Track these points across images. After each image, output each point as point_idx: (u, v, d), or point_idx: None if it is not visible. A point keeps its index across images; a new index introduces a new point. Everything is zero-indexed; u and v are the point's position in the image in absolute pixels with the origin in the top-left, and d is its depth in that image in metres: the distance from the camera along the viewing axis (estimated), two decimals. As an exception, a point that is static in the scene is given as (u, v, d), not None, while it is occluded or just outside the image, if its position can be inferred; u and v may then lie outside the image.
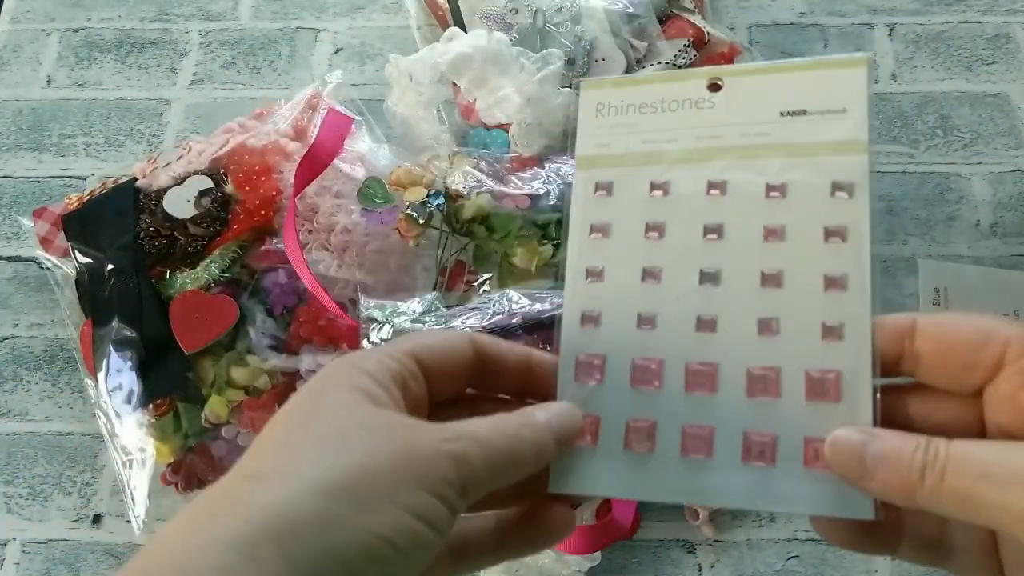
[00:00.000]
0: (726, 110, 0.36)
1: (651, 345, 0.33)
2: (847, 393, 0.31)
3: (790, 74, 0.36)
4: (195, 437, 0.57)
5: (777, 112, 0.36)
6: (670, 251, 0.34)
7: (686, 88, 0.37)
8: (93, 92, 0.77)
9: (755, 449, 0.31)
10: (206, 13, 0.81)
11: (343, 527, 0.24)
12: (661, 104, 0.37)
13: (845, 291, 0.33)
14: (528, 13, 0.67)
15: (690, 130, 0.36)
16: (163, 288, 0.59)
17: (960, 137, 0.73)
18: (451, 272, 0.60)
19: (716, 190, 0.35)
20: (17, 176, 0.74)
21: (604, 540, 0.55)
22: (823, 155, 0.35)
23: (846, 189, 0.34)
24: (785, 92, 0.36)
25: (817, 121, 0.35)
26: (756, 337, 0.32)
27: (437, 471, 0.26)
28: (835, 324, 0.32)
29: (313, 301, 0.58)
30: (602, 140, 0.37)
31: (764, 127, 0.36)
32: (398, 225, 0.59)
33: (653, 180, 0.35)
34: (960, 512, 0.26)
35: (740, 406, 0.32)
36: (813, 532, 0.59)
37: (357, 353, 0.30)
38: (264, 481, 0.25)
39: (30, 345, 0.67)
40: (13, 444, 0.64)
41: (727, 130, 0.36)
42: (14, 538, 0.61)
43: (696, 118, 0.36)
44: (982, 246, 0.69)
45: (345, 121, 0.63)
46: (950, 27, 0.78)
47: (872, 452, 0.28)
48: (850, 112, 0.35)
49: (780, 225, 0.34)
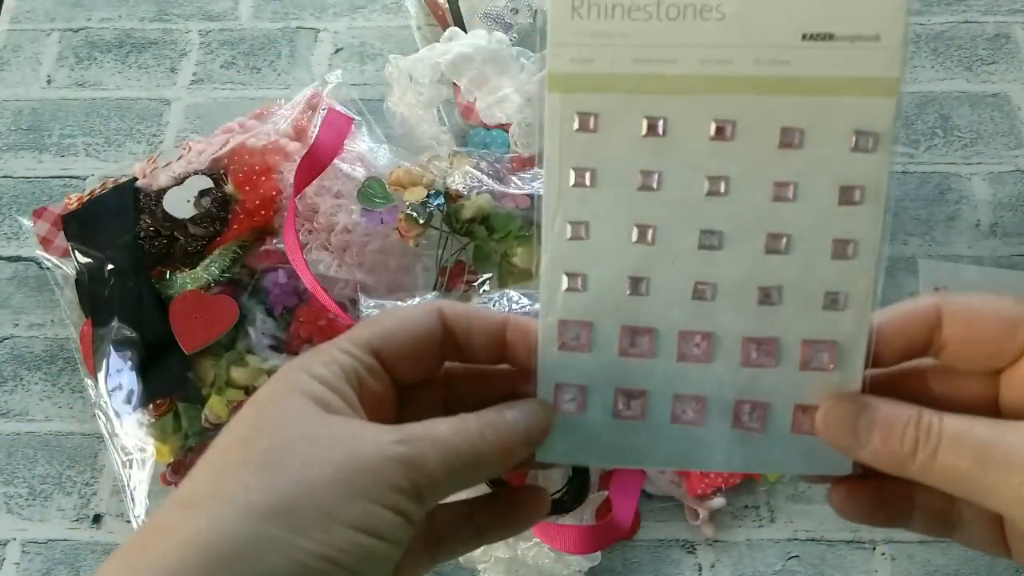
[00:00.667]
0: (738, 25, 0.30)
1: (642, 312, 0.30)
2: (842, 362, 0.30)
3: None
4: (195, 437, 0.57)
5: (799, 34, 0.30)
6: (667, 206, 0.30)
7: None
8: (93, 92, 0.77)
9: (746, 416, 0.31)
10: (206, 13, 0.81)
11: (278, 552, 0.23)
12: (657, 7, 0.30)
13: (853, 259, 0.30)
14: (528, 13, 0.67)
15: (693, 49, 0.30)
16: (163, 288, 0.59)
17: (960, 137, 0.73)
18: (451, 272, 0.60)
19: (723, 134, 0.30)
20: (17, 176, 0.74)
21: (604, 540, 0.55)
22: (848, 95, 0.30)
23: (869, 140, 0.29)
24: (810, 6, 0.30)
25: (845, 49, 0.30)
26: (756, 306, 0.30)
27: (384, 479, 0.25)
28: (838, 293, 0.30)
29: (313, 301, 0.58)
30: (581, 53, 0.30)
31: (782, 52, 0.30)
32: (398, 225, 0.59)
33: (648, 115, 0.30)
34: (951, 488, 0.27)
35: (733, 374, 0.30)
36: (814, 532, 0.59)
37: (307, 353, 0.28)
38: (195, 508, 0.24)
39: (30, 345, 0.67)
40: (13, 444, 0.64)
41: (738, 53, 0.30)
42: (14, 538, 0.61)
43: (701, 32, 0.29)
44: (982, 246, 0.69)
45: (345, 121, 0.63)
46: (950, 27, 0.78)
47: (864, 421, 0.28)
48: (884, 39, 0.30)
49: (792, 182, 0.30)
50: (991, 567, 0.58)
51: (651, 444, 0.31)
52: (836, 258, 0.30)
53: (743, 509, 0.60)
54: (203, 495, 0.24)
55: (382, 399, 0.29)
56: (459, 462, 0.26)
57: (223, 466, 0.25)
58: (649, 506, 0.59)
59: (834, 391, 0.30)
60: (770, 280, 0.30)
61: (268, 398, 0.27)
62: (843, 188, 0.30)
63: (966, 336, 0.29)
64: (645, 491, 0.59)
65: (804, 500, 0.60)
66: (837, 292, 0.30)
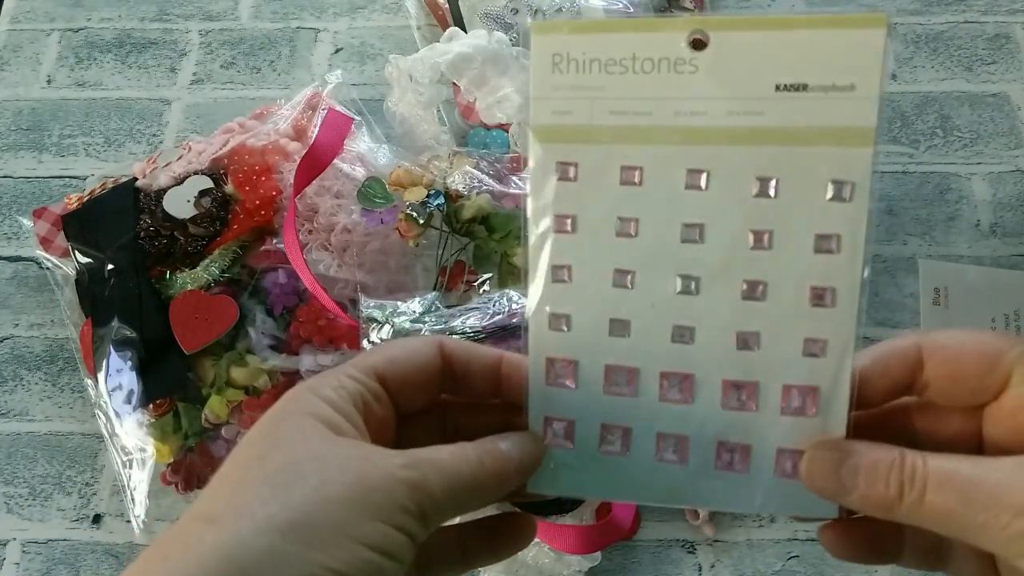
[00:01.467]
0: (711, 77, 0.30)
1: (625, 353, 0.31)
2: (823, 408, 0.30)
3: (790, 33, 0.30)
4: (195, 437, 0.57)
5: (773, 85, 0.30)
6: (645, 251, 0.31)
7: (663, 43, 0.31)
8: (93, 92, 0.77)
9: (728, 458, 0.31)
10: (206, 13, 0.81)
11: (295, 565, 0.24)
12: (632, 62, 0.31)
13: (832, 307, 0.30)
14: (528, 13, 0.67)
15: (668, 101, 0.30)
16: (163, 288, 0.59)
17: (960, 137, 0.73)
18: (451, 272, 0.60)
19: (697, 183, 0.30)
20: (17, 176, 0.74)
21: (604, 540, 0.55)
22: (823, 145, 0.30)
23: (845, 190, 0.30)
24: (783, 57, 0.30)
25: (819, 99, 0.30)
26: (735, 351, 0.31)
27: (394, 500, 0.26)
28: (818, 340, 0.31)
29: (313, 301, 0.58)
30: (562, 106, 0.31)
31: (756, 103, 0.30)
32: (398, 225, 0.59)
33: (624, 165, 0.31)
34: (941, 529, 0.27)
35: (715, 416, 0.31)
36: (813, 532, 0.59)
37: (316, 377, 0.29)
38: (215, 522, 0.25)
39: (30, 345, 0.67)
40: (13, 444, 0.64)
41: (712, 105, 0.30)
42: (14, 538, 0.61)
43: (675, 86, 0.30)
44: (982, 246, 0.69)
45: (345, 121, 0.63)
46: (950, 27, 0.78)
47: (848, 468, 0.28)
48: (859, 89, 0.30)
49: (768, 230, 0.30)
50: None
51: (636, 479, 0.32)
52: (814, 305, 0.30)
53: (743, 509, 0.60)
54: (222, 509, 0.25)
55: (384, 424, 0.30)
56: (460, 487, 0.27)
57: (241, 482, 0.26)
58: (649, 506, 0.59)
59: (818, 436, 0.30)
60: (748, 326, 0.30)
61: (280, 418, 0.28)
62: (820, 236, 0.30)
63: (948, 373, 0.29)
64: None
65: (804, 500, 0.60)
66: (817, 339, 0.31)
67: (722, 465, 0.31)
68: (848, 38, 0.29)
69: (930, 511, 0.26)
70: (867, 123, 0.29)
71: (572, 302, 0.31)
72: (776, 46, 0.30)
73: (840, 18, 0.29)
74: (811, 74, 0.29)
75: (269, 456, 0.26)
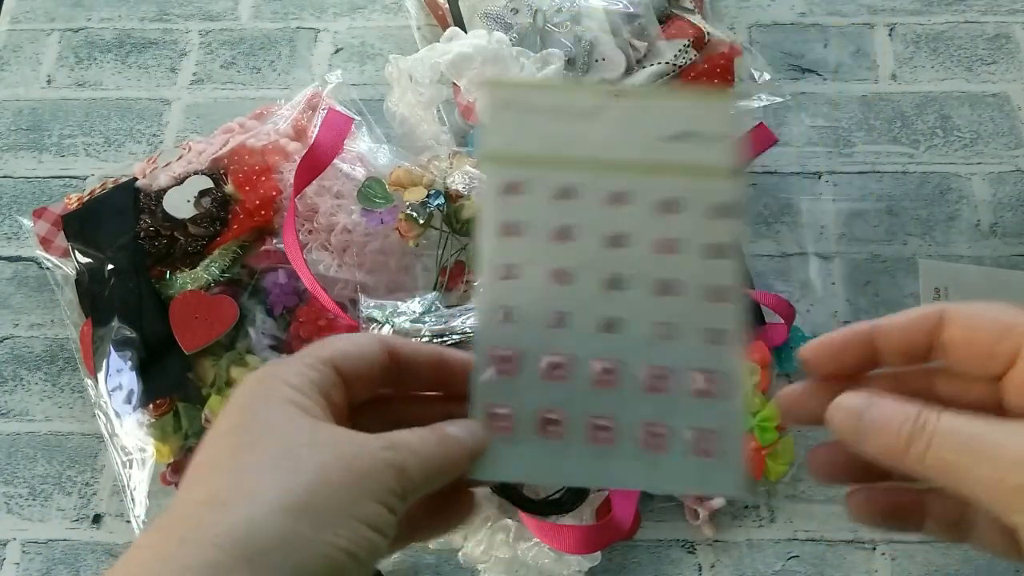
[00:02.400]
0: (620, 126, 0.41)
1: (561, 342, 0.35)
2: (723, 388, 0.37)
3: (675, 101, 0.42)
4: (195, 437, 0.57)
5: (663, 133, 0.41)
6: (578, 255, 0.37)
7: (586, 99, 0.41)
8: (93, 92, 0.77)
9: (650, 438, 0.36)
10: (206, 13, 0.81)
11: (307, 545, 0.25)
12: (561, 111, 0.41)
13: (725, 302, 0.38)
14: (528, 13, 0.67)
15: (588, 140, 0.40)
16: (163, 288, 0.59)
17: (960, 137, 0.73)
18: (451, 272, 0.60)
19: (615, 201, 0.39)
20: (17, 176, 0.74)
21: (604, 540, 0.55)
22: (703, 177, 0.40)
23: (722, 211, 0.39)
24: (669, 114, 0.41)
25: (697, 144, 0.41)
26: (653, 339, 0.36)
27: (382, 482, 0.28)
28: (717, 330, 0.37)
29: (313, 301, 0.58)
30: (508, 138, 0.39)
31: (653, 145, 0.40)
32: (398, 225, 0.59)
33: (559, 185, 0.38)
34: (942, 480, 0.28)
35: (639, 399, 0.36)
36: (813, 532, 0.59)
37: (276, 364, 0.31)
38: (225, 505, 0.26)
39: (30, 345, 0.67)
40: (13, 444, 0.64)
41: (621, 146, 0.40)
42: (14, 538, 0.61)
43: (593, 130, 0.40)
44: (982, 246, 0.69)
45: (345, 121, 0.63)
46: (950, 27, 0.78)
47: (868, 417, 0.29)
48: (722, 139, 0.41)
49: (672, 239, 0.38)
50: (991, 567, 0.58)
51: (571, 462, 0.35)
52: (710, 300, 0.37)
53: (743, 509, 0.60)
54: (229, 493, 0.26)
55: (343, 413, 0.31)
56: (432, 469, 0.30)
57: (239, 467, 0.27)
58: (649, 506, 0.59)
59: (720, 414, 0.35)
60: (662, 317, 0.37)
61: (258, 404, 0.29)
62: (708, 246, 0.38)
63: (964, 339, 0.30)
64: (644, 491, 0.59)
65: (804, 500, 0.60)
66: (715, 329, 0.38)
67: (646, 446, 0.36)
68: (711, 105, 0.41)
69: (932, 461, 0.27)
70: (730, 162, 0.40)
71: (517, 297, 0.36)
72: (666, 108, 0.41)
73: (706, 93, 0.47)
74: (690, 126, 0.40)
75: (261, 442, 0.28)
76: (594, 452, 0.36)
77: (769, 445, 0.58)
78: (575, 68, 0.65)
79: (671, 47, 0.67)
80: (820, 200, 0.70)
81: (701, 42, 0.67)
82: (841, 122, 0.74)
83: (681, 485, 0.37)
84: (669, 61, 0.66)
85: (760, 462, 0.58)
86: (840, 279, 0.68)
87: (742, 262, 0.39)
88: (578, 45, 0.65)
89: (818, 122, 0.74)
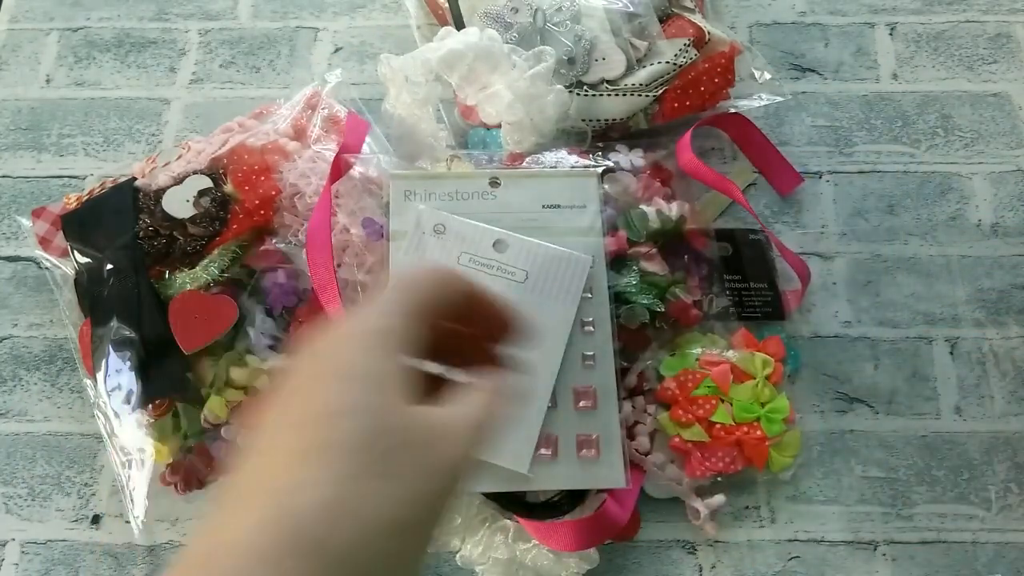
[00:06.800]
0: (504, 200, 0.56)
1: None
2: (600, 403, 0.52)
3: (549, 179, 0.57)
4: (194, 437, 0.57)
5: (540, 204, 0.56)
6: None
7: (474, 184, 0.56)
8: (92, 92, 0.77)
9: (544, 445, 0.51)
10: (205, 13, 0.80)
11: None
12: (455, 194, 0.55)
13: (594, 331, 0.54)
14: (528, 12, 0.66)
15: (477, 215, 0.54)
16: (162, 288, 0.59)
17: (961, 137, 0.73)
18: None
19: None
20: (16, 176, 0.74)
21: (599, 534, 0.55)
22: (570, 236, 0.55)
23: (590, 261, 0.54)
24: (545, 190, 0.56)
25: (567, 212, 0.56)
26: None
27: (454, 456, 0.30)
28: (590, 355, 0.53)
29: (313, 301, 0.57)
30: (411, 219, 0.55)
31: (532, 213, 0.55)
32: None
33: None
34: None
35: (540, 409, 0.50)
36: (814, 532, 0.59)
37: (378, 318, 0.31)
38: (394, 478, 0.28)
39: (29, 345, 0.67)
40: (12, 444, 0.63)
41: (504, 216, 0.55)
42: (13, 538, 0.61)
43: (484, 204, 0.55)
44: (983, 246, 0.68)
45: (363, 125, 0.64)
46: (951, 26, 0.78)
47: None
48: (588, 207, 0.56)
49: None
50: (991, 568, 0.58)
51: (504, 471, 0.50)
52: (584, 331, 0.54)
53: (743, 509, 0.60)
54: None
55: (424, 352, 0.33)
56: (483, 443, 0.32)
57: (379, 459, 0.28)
58: (649, 506, 0.59)
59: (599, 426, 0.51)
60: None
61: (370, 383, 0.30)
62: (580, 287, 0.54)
63: None
64: (644, 491, 0.59)
65: (804, 500, 0.60)
66: (588, 354, 0.53)
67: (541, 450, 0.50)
68: (579, 181, 0.57)
69: None
70: (596, 225, 0.56)
71: None
72: (541, 185, 0.56)
73: (574, 172, 0.59)
74: (562, 199, 0.56)
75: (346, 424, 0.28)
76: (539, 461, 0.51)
77: (775, 436, 0.57)
78: (575, 68, 0.65)
79: (671, 46, 0.66)
80: (821, 200, 0.70)
81: (701, 41, 0.67)
82: (842, 122, 0.73)
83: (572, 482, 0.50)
84: (669, 60, 0.66)
85: (764, 452, 0.57)
86: (841, 279, 0.68)
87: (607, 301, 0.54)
88: (578, 44, 0.65)
89: (819, 122, 0.74)
